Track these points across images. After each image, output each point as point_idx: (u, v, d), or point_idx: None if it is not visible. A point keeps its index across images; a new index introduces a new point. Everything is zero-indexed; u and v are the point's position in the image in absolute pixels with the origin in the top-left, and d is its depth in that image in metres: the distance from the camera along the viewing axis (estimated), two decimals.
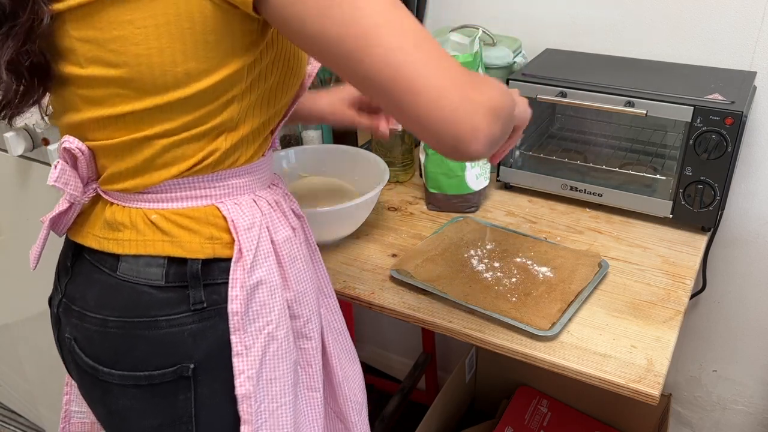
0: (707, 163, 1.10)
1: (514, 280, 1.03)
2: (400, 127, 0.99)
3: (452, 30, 1.31)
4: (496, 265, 1.06)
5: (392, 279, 1.05)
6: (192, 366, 0.72)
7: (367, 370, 2.06)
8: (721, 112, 1.06)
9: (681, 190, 1.15)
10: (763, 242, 1.37)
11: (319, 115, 0.99)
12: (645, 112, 1.12)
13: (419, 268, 1.05)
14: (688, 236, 1.17)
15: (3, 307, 1.67)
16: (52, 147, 1.24)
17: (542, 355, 0.89)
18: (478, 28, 1.24)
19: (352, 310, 1.52)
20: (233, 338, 0.73)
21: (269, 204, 0.77)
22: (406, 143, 1.34)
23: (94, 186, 0.75)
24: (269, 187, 0.80)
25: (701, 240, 1.16)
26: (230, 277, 0.72)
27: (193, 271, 0.71)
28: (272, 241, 0.76)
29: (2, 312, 1.68)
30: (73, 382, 0.91)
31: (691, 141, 1.10)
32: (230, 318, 0.72)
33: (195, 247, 0.71)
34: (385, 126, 0.96)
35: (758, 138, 1.29)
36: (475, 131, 0.59)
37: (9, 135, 1.22)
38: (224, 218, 0.73)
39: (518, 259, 1.07)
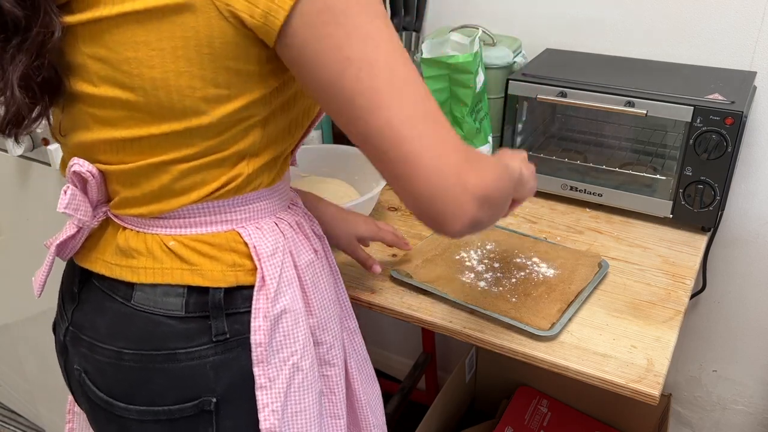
0: (707, 163, 1.10)
1: (514, 280, 1.02)
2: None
3: (452, 30, 1.31)
4: (496, 265, 1.06)
5: (392, 279, 1.05)
6: (214, 400, 0.69)
7: None
8: (721, 112, 1.06)
9: (681, 190, 1.15)
10: (763, 242, 1.37)
11: (326, 229, 0.93)
12: (645, 112, 1.12)
13: (419, 268, 1.05)
14: (688, 236, 1.17)
15: (3, 307, 1.67)
16: (52, 147, 1.24)
17: (542, 355, 0.89)
18: (478, 28, 1.24)
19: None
20: (256, 370, 0.69)
21: (291, 226, 0.74)
22: None
23: (103, 209, 0.71)
24: (289, 207, 0.76)
25: (701, 240, 1.16)
26: (253, 306, 0.68)
27: (215, 301, 0.68)
28: (295, 266, 0.72)
29: (2, 312, 1.68)
30: (77, 410, 0.89)
31: (691, 141, 1.10)
32: (253, 349, 0.69)
33: (217, 276, 0.68)
34: (378, 270, 0.99)
35: (758, 138, 1.29)
36: (459, 214, 0.58)
37: None
38: (245, 244, 0.69)
39: (518, 260, 1.07)
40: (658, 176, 1.21)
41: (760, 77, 1.23)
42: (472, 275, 1.04)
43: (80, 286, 0.74)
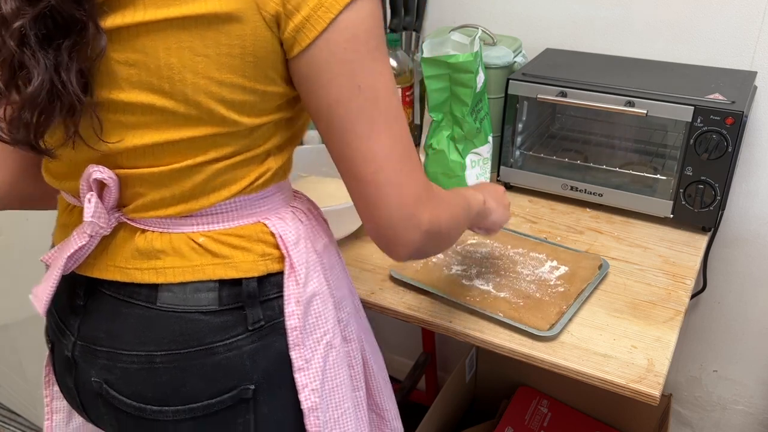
0: (707, 163, 1.10)
1: (514, 281, 1.02)
2: None
3: (452, 30, 1.31)
4: (497, 266, 1.06)
5: (392, 279, 1.05)
6: (252, 387, 0.70)
7: None
8: (722, 111, 1.06)
9: (681, 190, 1.15)
10: (764, 242, 1.37)
11: None
12: (645, 112, 1.12)
13: (419, 271, 1.05)
14: (688, 236, 1.17)
15: (3, 307, 1.67)
16: None
17: (542, 356, 0.89)
18: (478, 28, 1.24)
19: None
20: (293, 354, 0.71)
21: (305, 213, 0.76)
22: None
23: (117, 215, 0.69)
24: (295, 196, 0.78)
25: (701, 240, 1.16)
26: (284, 292, 0.70)
27: (249, 290, 0.69)
28: (315, 251, 0.74)
29: (2, 312, 1.68)
30: (55, 407, 0.88)
31: (691, 141, 1.10)
32: (289, 334, 0.70)
33: (249, 266, 0.69)
34: None
35: (758, 138, 1.28)
36: (406, 243, 0.67)
37: None
38: (272, 234, 0.71)
39: (518, 260, 1.07)
40: (658, 176, 1.21)
41: (761, 77, 1.23)
42: (473, 276, 1.04)
43: (86, 298, 0.72)
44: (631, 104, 1.13)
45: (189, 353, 0.68)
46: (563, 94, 1.18)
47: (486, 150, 1.23)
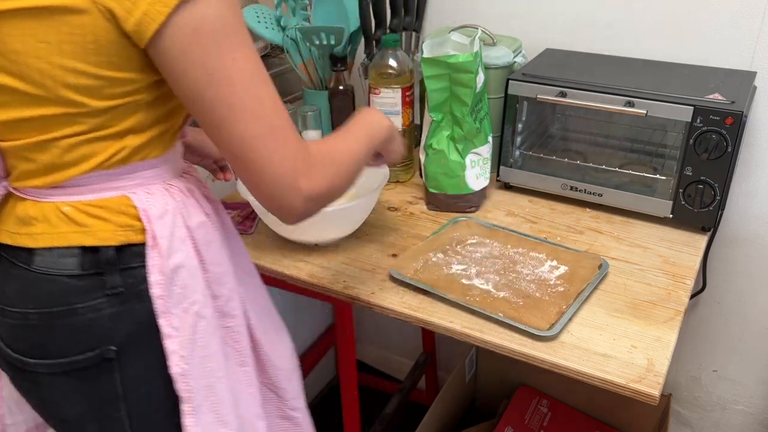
0: (707, 163, 1.10)
1: (513, 281, 1.02)
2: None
3: (452, 30, 1.31)
4: (497, 266, 1.06)
5: (392, 279, 1.05)
6: (114, 348, 0.75)
7: (368, 370, 2.06)
8: (721, 112, 1.06)
9: (681, 190, 1.15)
10: (763, 242, 1.37)
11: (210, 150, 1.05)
12: (645, 112, 1.12)
13: (419, 271, 1.05)
14: (688, 236, 1.17)
15: None
16: None
17: (542, 356, 0.89)
18: (477, 28, 1.24)
19: (352, 310, 1.51)
20: (161, 321, 0.75)
21: (182, 191, 0.79)
22: (406, 143, 1.34)
23: (3, 184, 0.77)
24: (181, 175, 0.82)
25: (701, 240, 1.16)
26: (147, 263, 0.74)
27: (107, 258, 0.74)
28: (187, 227, 0.78)
29: None
30: (3, 390, 0.93)
31: (691, 141, 1.10)
32: (154, 302, 0.75)
33: (107, 235, 0.74)
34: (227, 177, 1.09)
35: (758, 138, 1.29)
36: (290, 211, 0.73)
37: None
38: (135, 207, 0.75)
39: (518, 260, 1.07)
40: (658, 176, 1.21)
41: (760, 77, 1.23)
42: (473, 276, 1.04)
43: None
44: (630, 104, 1.13)
45: (55, 312, 0.74)
46: (563, 94, 1.18)
47: (486, 150, 1.23)
